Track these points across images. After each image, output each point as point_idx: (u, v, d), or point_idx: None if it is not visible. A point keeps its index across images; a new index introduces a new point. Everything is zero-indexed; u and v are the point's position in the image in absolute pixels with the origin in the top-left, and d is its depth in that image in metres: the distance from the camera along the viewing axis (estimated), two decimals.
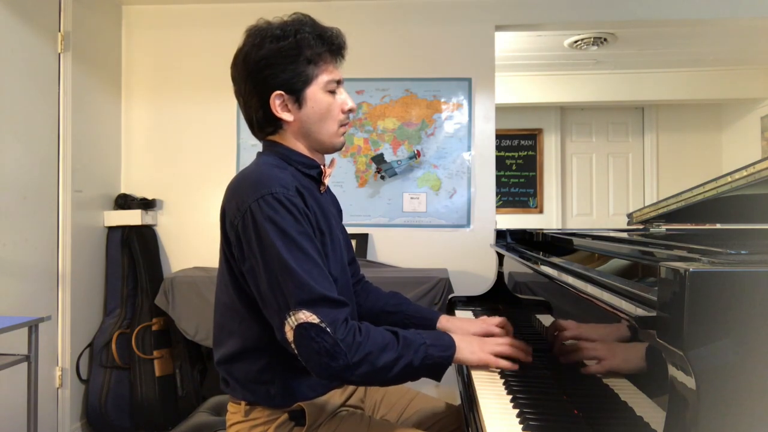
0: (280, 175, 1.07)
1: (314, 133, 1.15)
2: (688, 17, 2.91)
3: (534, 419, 0.95)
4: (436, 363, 1.08)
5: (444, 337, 1.12)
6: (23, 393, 1.84)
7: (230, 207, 1.06)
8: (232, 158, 3.03)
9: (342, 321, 0.99)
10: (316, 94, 1.12)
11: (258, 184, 1.04)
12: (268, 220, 1.00)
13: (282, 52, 1.08)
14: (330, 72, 1.14)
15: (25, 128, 2.35)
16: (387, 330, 1.06)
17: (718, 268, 0.66)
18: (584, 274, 0.99)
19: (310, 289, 0.98)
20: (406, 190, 2.96)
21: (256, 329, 1.09)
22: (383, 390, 1.37)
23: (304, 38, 1.09)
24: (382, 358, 1.01)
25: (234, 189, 1.08)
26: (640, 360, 0.79)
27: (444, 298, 2.46)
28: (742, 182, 1.11)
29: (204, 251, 2.99)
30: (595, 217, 5.18)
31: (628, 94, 4.54)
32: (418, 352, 1.05)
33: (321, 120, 1.14)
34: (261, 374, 1.10)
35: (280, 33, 1.09)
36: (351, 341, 0.98)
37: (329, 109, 1.14)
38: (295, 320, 0.97)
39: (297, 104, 1.12)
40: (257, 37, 1.10)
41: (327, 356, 0.96)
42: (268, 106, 1.11)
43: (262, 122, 1.15)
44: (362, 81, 2.97)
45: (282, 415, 1.11)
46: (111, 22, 2.99)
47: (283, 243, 1.00)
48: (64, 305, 2.55)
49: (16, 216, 2.28)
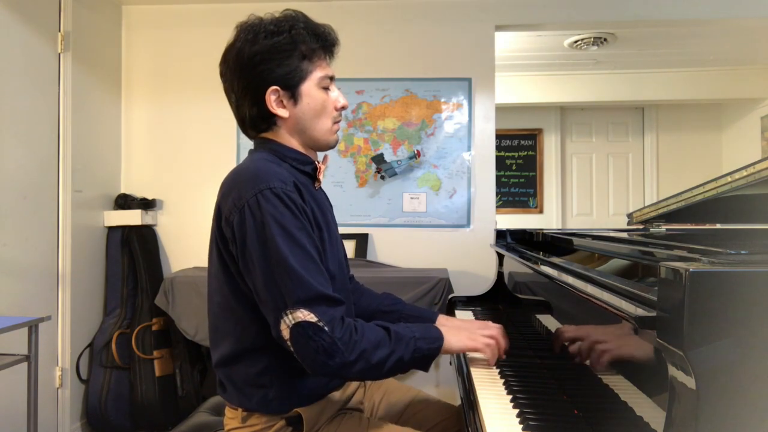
0: (278, 170, 1.06)
1: (309, 129, 1.14)
2: (688, 17, 2.91)
3: (534, 419, 0.95)
4: (425, 355, 1.08)
5: (431, 330, 1.13)
6: (23, 393, 1.84)
7: (226, 203, 1.04)
8: (232, 158, 3.03)
9: (339, 319, 0.99)
10: (311, 89, 1.11)
11: (255, 180, 1.02)
12: (266, 215, 0.99)
13: (277, 47, 1.07)
14: (323, 68, 1.13)
15: (25, 128, 2.35)
16: (378, 326, 1.06)
17: (718, 268, 0.66)
18: (584, 274, 0.99)
19: (309, 287, 0.97)
20: (406, 190, 2.96)
21: (253, 329, 1.07)
22: (383, 391, 1.37)
23: (298, 33, 1.08)
24: (377, 355, 1.01)
25: (230, 185, 1.07)
26: (640, 359, 0.79)
27: (444, 298, 2.46)
28: (742, 182, 1.11)
29: (204, 251, 2.95)
30: (595, 217, 5.18)
31: (628, 94, 4.54)
32: (409, 345, 1.05)
33: (316, 116, 1.13)
34: (259, 377, 1.08)
35: (274, 28, 1.08)
36: (348, 339, 0.98)
37: (324, 105, 1.13)
38: (293, 318, 0.96)
39: (292, 100, 1.11)
40: (250, 32, 1.08)
41: (324, 354, 0.96)
42: (263, 102, 1.09)
43: (256, 119, 1.13)
44: (362, 81, 2.97)
45: (280, 421, 1.10)
46: (111, 22, 2.99)
47: (282, 239, 0.98)
48: (64, 305, 2.55)
49: (16, 216, 2.28)
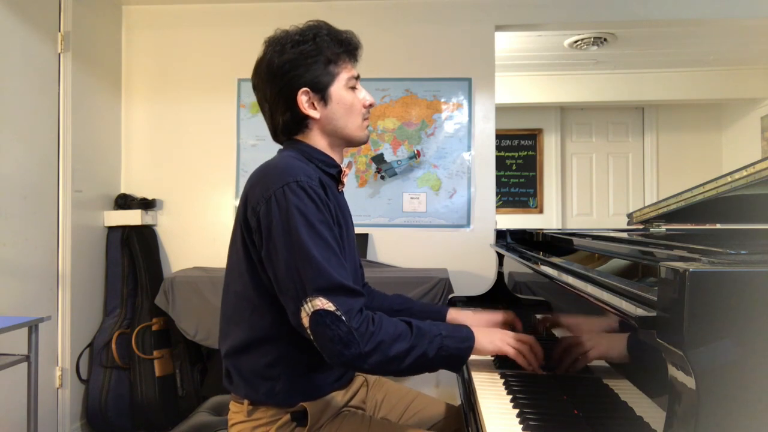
0: (305, 166, 1.11)
1: (341, 128, 1.19)
2: (688, 17, 2.91)
3: (534, 419, 0.95)
4: (453, 355, 1.08)
5: (461, 329, 1.13)
6: (23, 393, 1.84)
7: (253, 193, 1.08)
8: (232, 158, 3.03)
9: (357, 310, 1.01)
10: (339, 90, 1.18)
11: (284, 173, 1.07)
12: (291, 205, 1.03)
13: (304, 53, 1.14)
14: (349, 70, 1.20)
15: (25, 128, 2.35)
16: (402, 320, 1.07)
17: (718, 268, 0.66)
18: (584, 274, 0.99)
19: (329, 277, 1.00)
20: (406, 190, 2.96)
21: (267, 318, 1.10)
22: (384, 390, 1.37)
23: (322, 40, 1.15)
24: (395, 348, 1.01)
25: (258, 177, 1.11)
26: (639, 358, 0.79)
27: (444, 298, 2.46)
28: (742, 182, 1.11)
29: (204, 251, 2.99)
30: (595, 217, 5.18)
31: (628, 94, 4.54)
32: (433, 342, 1.05)
33: (346, 115, 1.19)
34: (267, 369, 1.11)
35: (299, 38, 1.15)
36: (364, 330, 1.00)
37: (352, 104, 1.20)
38: (312, 306, 0.99)
39: (323, 102, 1.17)
40: (278, 44, 1.16)
41: (341, 344, 0.98)
42: (296, 105, 1.15)
43: (290, 123, 1.18)
44: (362, 81, 2.95)
45: (284, 415, 1.12)
46: (111, 22, 2.99)
47: (305, 229, 1.02)
48: (64, 305, 2.56)
49: (16, 216, 2.28)
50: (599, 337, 0.97)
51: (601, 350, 0.96)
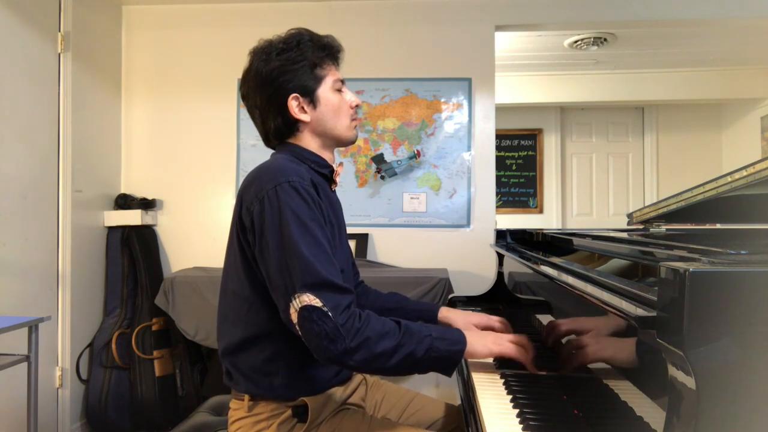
0: (297, 167, 1.14)
1: (330, 129, 1.23)
2: (688, 17, 2.91)
3: (534, 419, 0.95)
4: (443, 357, 1.08)
5: (453, 332, 1.13)
6: (23, 393, 1.84)
7: (248, 194, 1.11)
8: (232, 158, 3.03)
9: (345, 307, 1.02)
10: (327, 93, 1.22)
11: (276, 174, 1.10)
12: (283, 204, 1.06)
13: (290, 60, 1.18)
14: (333, 73, 1.24)
15: (25, 128, 2.35)
16: (390, 319, 1.08)
17: (718, 268, 0.66)
18: (584, 274, 0.99)
19: (316, 274, 1.02)
20: (406, 190, 2.96)
21: (263, 315, 1.12)
22: (384, 390, 1.38)
23: (306, 46, 1.20)
24: (381, 345, 1.02)
25: (252, 178, 1.14)
26: (639, 359, 0.79)
27: (444, 298, 2.46)
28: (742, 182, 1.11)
29: (204, 251, 2.99)
30: (595, 217, 5.18)
31: (628, 94, 4.54)
32: (422, 343, 1.06)
33: (335, 116, 1.23)
34: (266, 364, 1.12)
35: (283, 46, 1.19)
36: (351, 326, 1.01)
37: (340, 105, 1.23)
38: (300, 302, 1.01)
39: (312, 104, 1.21)
40: (263, 54, 1.20)
41: (327, 339, 0.99)
42: (287, 110, 1.19)
43: (282, 128, 1.22)
44: (362, 81, 2.97)
45: (286, 410, 1.13)
46: (111, 22, 2.99)
47: (296, 227, 1.04)
48: (64, 305, 2.55)
49: (16, 216, 2.28)
50: (599, 337, 0.97)
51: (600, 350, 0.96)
